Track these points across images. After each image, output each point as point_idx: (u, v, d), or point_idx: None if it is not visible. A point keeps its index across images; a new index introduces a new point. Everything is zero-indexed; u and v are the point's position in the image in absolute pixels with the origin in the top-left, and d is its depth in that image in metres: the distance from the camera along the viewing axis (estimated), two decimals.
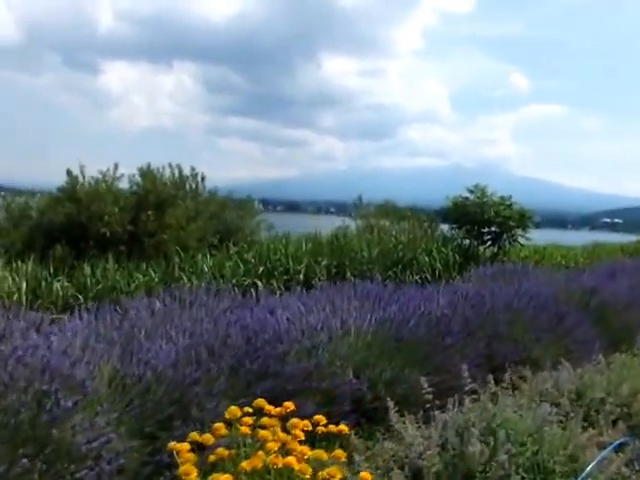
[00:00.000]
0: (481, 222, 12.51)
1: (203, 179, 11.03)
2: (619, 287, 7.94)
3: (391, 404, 3.37)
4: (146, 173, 10.04)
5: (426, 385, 3.51)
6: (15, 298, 6.36)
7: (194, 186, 10.84)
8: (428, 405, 3.47)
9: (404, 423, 3.28)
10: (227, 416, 2.55)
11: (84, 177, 9.56)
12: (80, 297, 6.65)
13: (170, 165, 10.14)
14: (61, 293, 6.78)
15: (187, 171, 10.65)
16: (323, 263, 8.95)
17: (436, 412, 3.41)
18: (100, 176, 9.60)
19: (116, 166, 10.17)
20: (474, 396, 3.64)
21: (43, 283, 6.84)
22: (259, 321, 4.04)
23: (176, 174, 10.27)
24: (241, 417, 2.54)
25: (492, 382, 3.86)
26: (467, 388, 3.60)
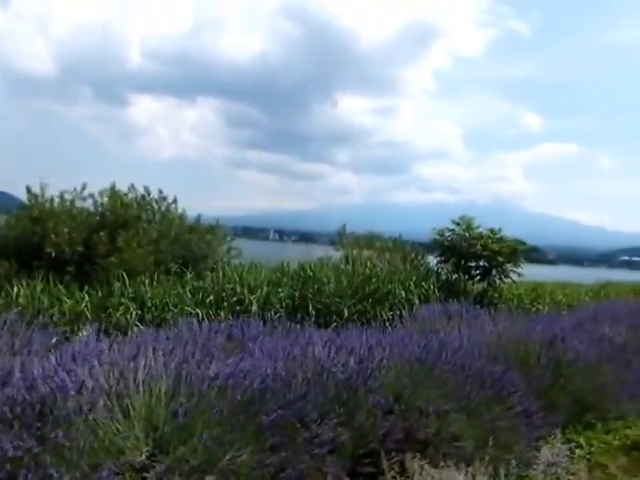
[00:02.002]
0: (467, 256, 11.83)
1: (174, 202, 10.57)
2: (591, 337, 6.58)
3: None
4: (109, 194, 9.63)
5: None
6: None
7: (163, 209, 10.38)
8: None
9: None
10: None
11: (43, 195, 9.23)
12: None
13: (133, 186, 9.70)
14: None
15: (155, 193, 10.22)
16: (281, 294, 8.29)
17: None
18: (59, 195, 9.25)
19: (84, 186, 9.80)
20: None
21: None
22: None
23: (142, 196, 9.81)
24: None
25: None
26: None
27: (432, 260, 12.74)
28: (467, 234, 11.84)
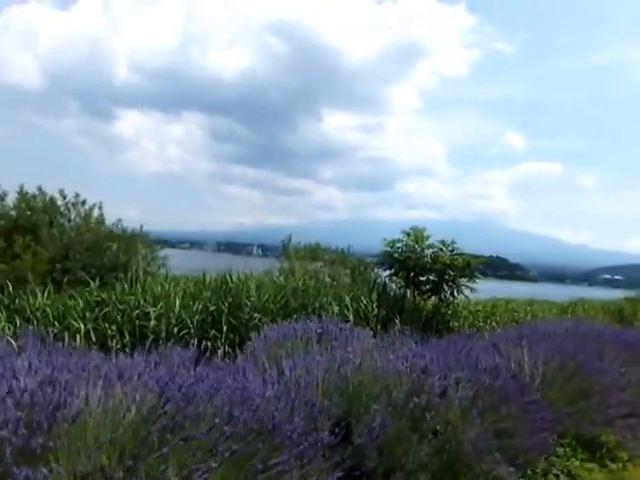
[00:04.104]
0: (416, 269, 11.03)
1: (99, 208, 9.72)
2: (487, 369, 4.98)
3: None
4: (17, 197, 8.81)
5: None
6: None
7: (83, 214, 9.53)
8: None
9: None
10: None
11: None
12: None
13: (40, 189, 8.86)
14: None
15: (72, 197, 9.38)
16: (186, 308, 7.41)
17: None
18: None
19: None
20: None
21: None
22: None
23: (51, 200, 8.98)
24: None
25: None
26: None
27: (384, 274, 11.98)
28: (416, 245, 11.07)
